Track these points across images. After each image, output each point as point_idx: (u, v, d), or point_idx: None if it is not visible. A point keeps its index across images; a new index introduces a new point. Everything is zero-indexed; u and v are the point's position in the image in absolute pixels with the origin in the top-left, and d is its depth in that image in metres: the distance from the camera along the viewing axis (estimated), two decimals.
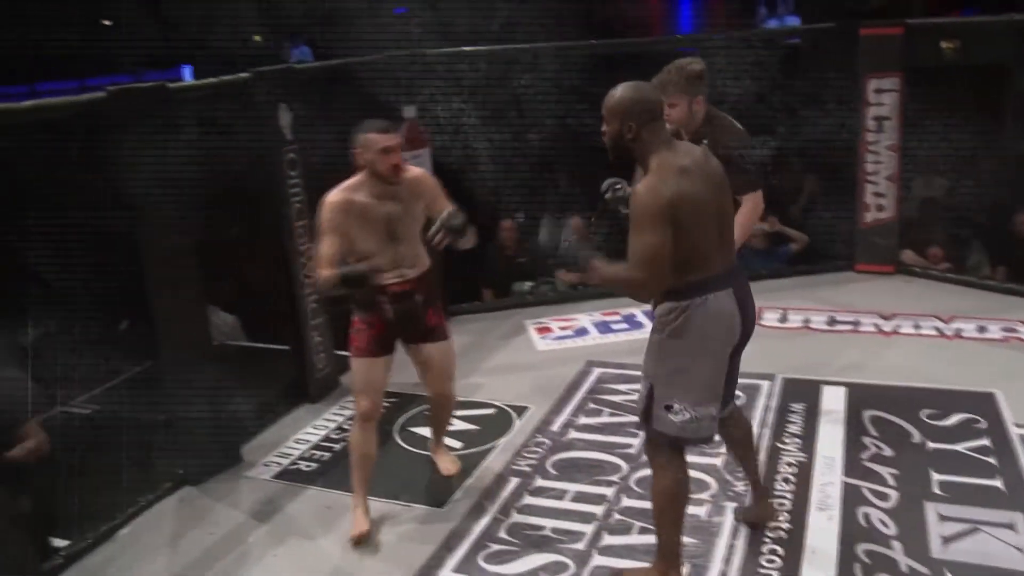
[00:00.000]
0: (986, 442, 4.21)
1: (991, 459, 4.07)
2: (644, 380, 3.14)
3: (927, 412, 4.52)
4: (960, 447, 4.19)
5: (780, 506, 3.80)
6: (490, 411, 4.94)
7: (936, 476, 3.95)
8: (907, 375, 4.98)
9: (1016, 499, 3.76)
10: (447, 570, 3.57)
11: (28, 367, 4.06)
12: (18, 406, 4.10)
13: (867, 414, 4.54)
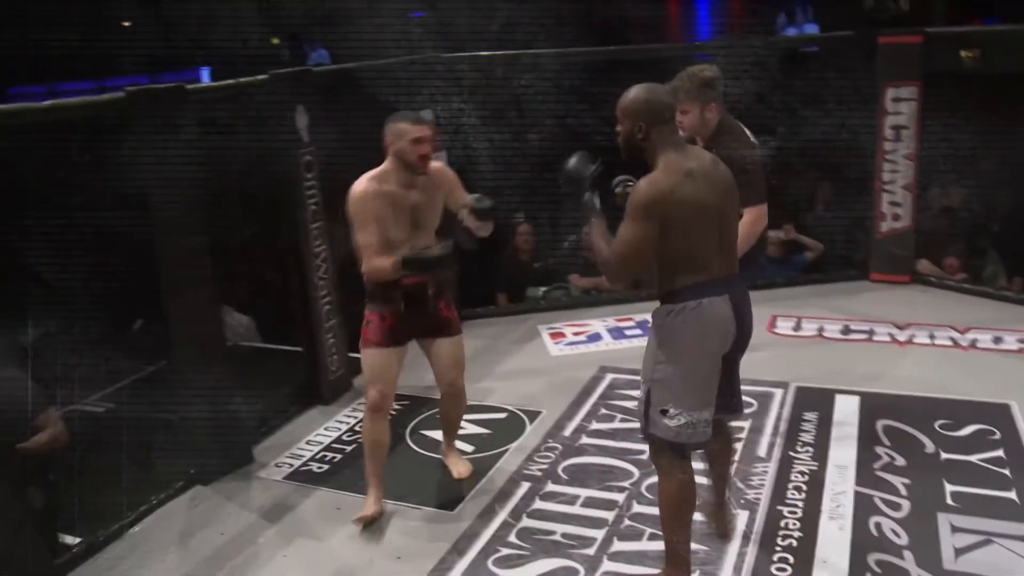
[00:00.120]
0: (1000, 453, 4.19)
1: (1005, 471, 4.05)
2: (643, 384, 3.17)
3: (941, 422, 4.49)
4: (974, 458, 4.17)
5: (791, 514, 3.79)
6: (502, 415, 4.93)
7: (949, 487, 3.93)
8: (921, 385, 4.96)
9: None
10: (456, 573, 3.56)
11: (29, 366, 4.07)
12: (34, 399, 4.13)
13: (880, 424, 4.52)
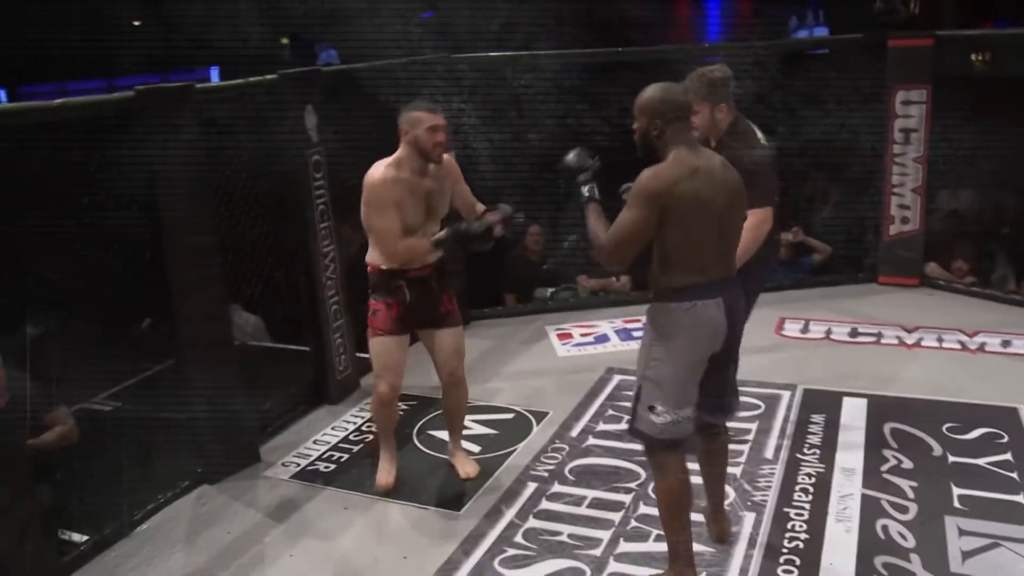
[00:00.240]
0: (1008, 457, 4.18)
1: (1013, 474, 4.04)
2: (636, 380, 3.24)
3: (949, 425, 4.49)
4: (982, 461, 4.16)
5: (798, 516, 3.78)
6: (509, 416, 4.93)
7: (956, 490, 3.92)
8: (929, 388, 4.95)
9: None
10: (463, 573, 3.56)
11: (30, 364, 4.08)
12: (42, 397, 4.14)
13: (887, 426, 4.51)
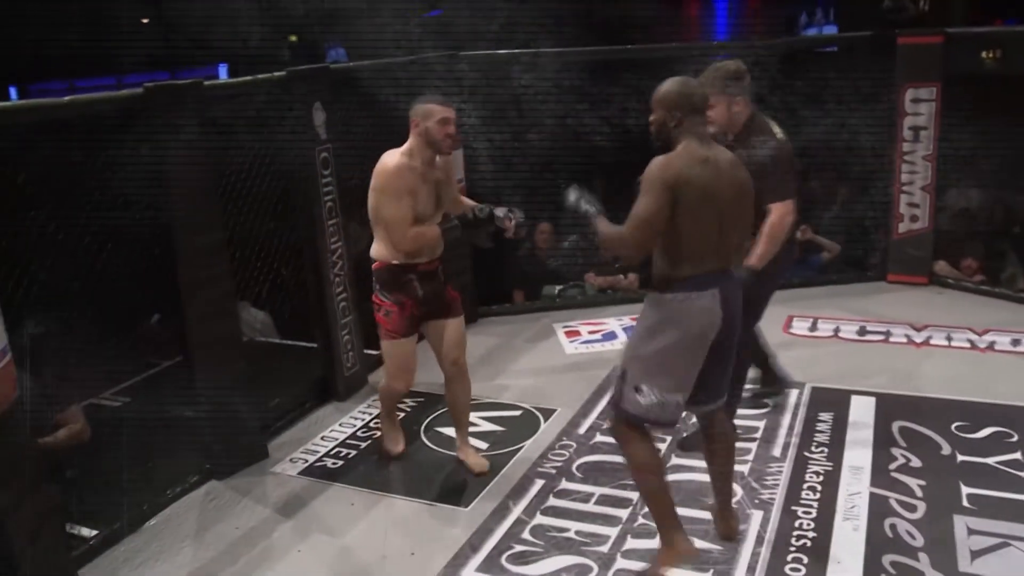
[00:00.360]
0: (1018, 456, 4.17)
1: (1022, 473, 4.02)
2: (622, 362, 3.35)
3: (957, 424, 4.48)
4: (991, 460, 4.15)
5: (806, 514, 3.78)
6: (517, 412, 4.94)
7: (965, 489, 3.91)
8: (938, 387, 4.94)
9: None
10: (470, 569, 3.57)
11: (37, 361, 4.09)
12: (51, 396, 4.15)
13: (896, 425, 4.50)
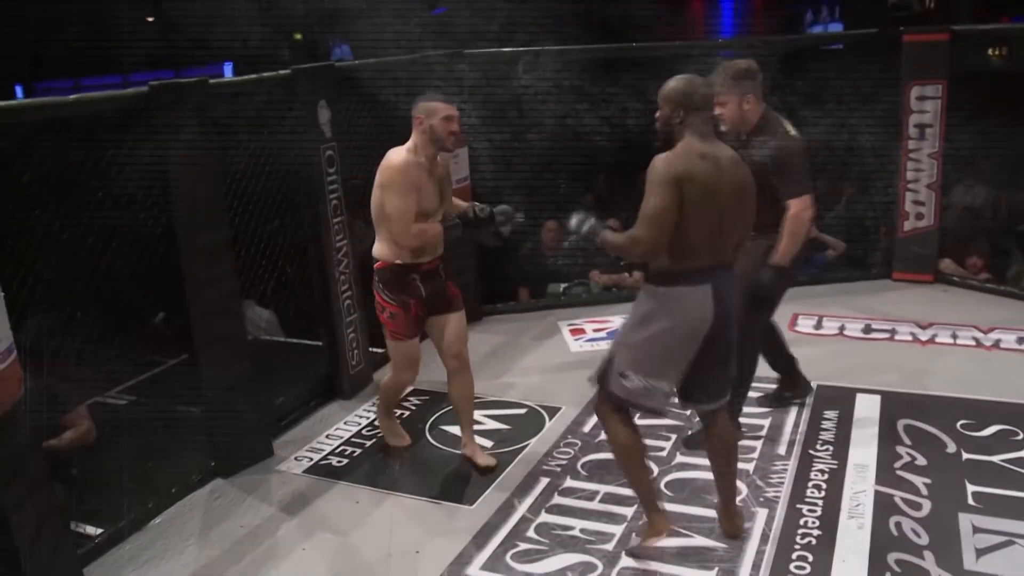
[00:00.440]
0: (1023, 454, 4.16)
1: None
2: (611, 347, 3.48)
3: (963, 422, 4.47)
4: (996, 459, 4.14)
5: (811, 512, 3.78)
6: (521, 411, 4.94)
7: (971, 487, 3.91)
8: (943, 385, 4.93)
9: None
10: (475, 567, 3.57)
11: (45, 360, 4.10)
12: (57, 396, 4.16)
13: (901, 423, 4.50)
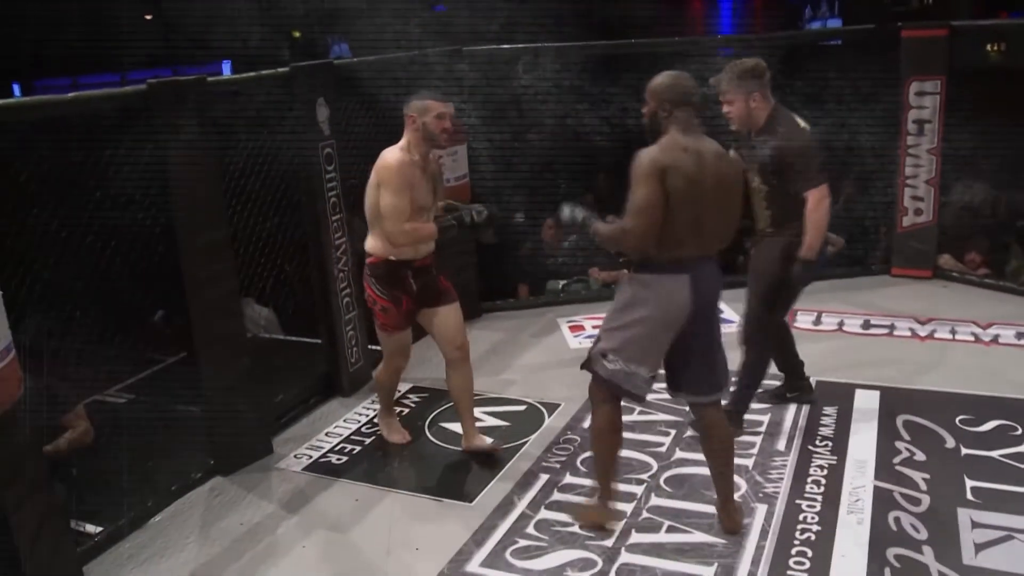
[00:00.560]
0: (1022, 449, 4.16)
1: None
2: (599, 332, 3.58)
3: (962, 418, 4.47)
4: (995, 454, 4.14)
5: (810, 508, 3.78)
6: (521, 408, 4.94)
7: (970, 482, 3.91)
8: (942, 380, 4.94)
9: None
10: (475, 564, 3.58)
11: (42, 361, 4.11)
12: (55, 396, 4.16)
13: (900, 418, 4.50)
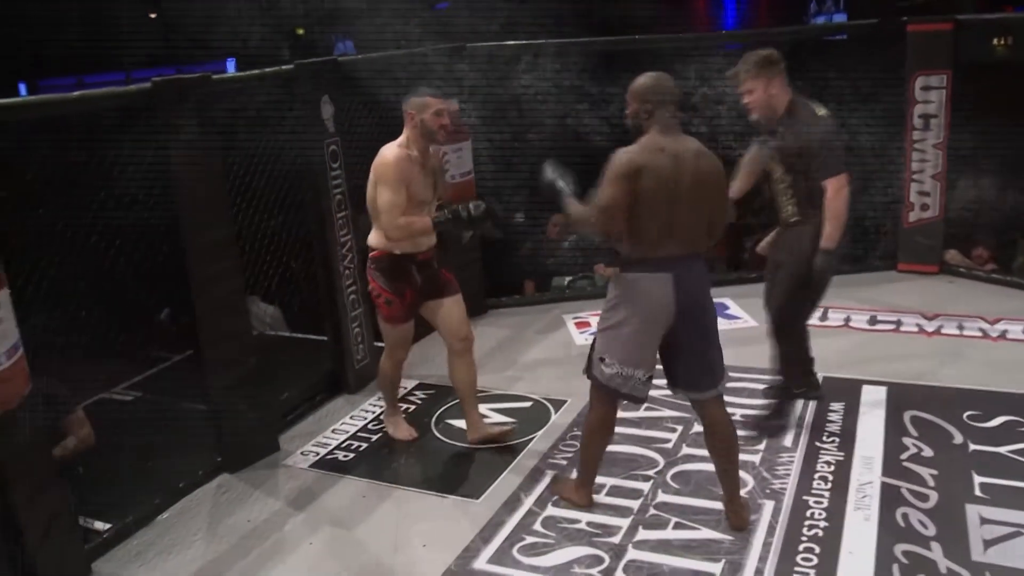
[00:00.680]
0: None
1: None
2: (595, 334, 3.66)
3: (969, 413, 4.46)
4: (1003, 450, 4.13)
5: (817, 504, 3.78)
6: (527, 404, 4.94)
7: (978, 478, 3.90)
8: (949, 376, 4.93)
9: None
10: (482, 561, 3.57)
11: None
12: (61, 396, 4.17)
13: (907, 414, 4.49)
